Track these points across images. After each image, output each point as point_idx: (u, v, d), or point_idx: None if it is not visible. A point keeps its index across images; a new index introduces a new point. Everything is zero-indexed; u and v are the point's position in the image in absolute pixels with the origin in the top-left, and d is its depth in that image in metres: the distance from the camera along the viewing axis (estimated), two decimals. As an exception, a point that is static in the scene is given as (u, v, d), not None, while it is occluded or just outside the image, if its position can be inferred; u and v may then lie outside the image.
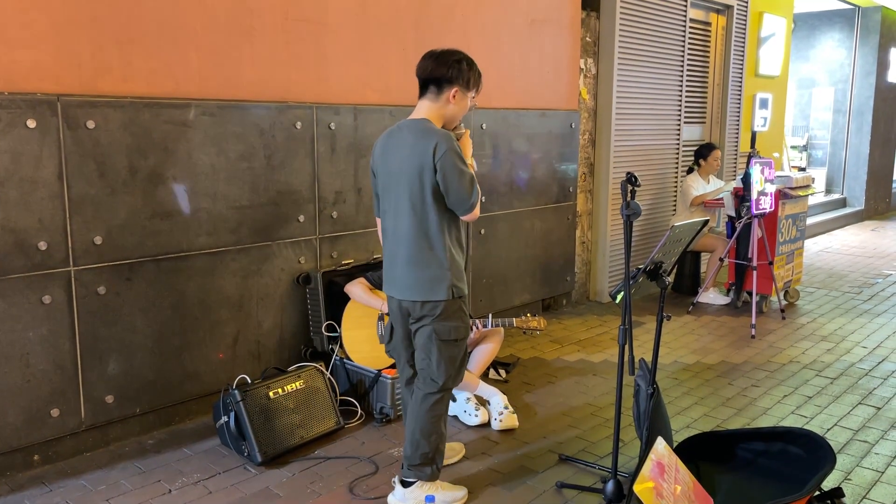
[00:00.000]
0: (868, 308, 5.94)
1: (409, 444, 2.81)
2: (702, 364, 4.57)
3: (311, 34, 3.82)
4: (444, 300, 2.66)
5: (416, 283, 2.67)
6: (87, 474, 3.09)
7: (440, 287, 2.65)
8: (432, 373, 2.74)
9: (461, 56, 2.69)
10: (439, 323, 2.69)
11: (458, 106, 2.71)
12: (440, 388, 2.76)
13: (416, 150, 2.60)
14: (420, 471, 2.79)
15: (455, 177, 2.56)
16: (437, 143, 2.57)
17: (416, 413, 2.78)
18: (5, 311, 2.93)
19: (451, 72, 2.65)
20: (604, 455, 3.30)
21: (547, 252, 5.49)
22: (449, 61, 2.65)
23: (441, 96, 2.68)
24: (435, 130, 2.63)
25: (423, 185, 2.60)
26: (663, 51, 6.19)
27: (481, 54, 4.76)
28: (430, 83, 2.68)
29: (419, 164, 2.59)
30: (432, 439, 2.78)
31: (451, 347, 2.73)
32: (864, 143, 11.05)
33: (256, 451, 3.15)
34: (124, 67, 3.18)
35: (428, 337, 2.72)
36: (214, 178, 3.50)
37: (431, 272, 2.65)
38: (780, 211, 5.67)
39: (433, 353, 2.72)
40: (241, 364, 3.72)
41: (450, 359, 2.74)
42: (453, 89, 2.67)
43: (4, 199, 2.88)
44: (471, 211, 2.63)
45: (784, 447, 3.00)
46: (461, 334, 2.75)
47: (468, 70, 2.69)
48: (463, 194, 2.59)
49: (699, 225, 2.97)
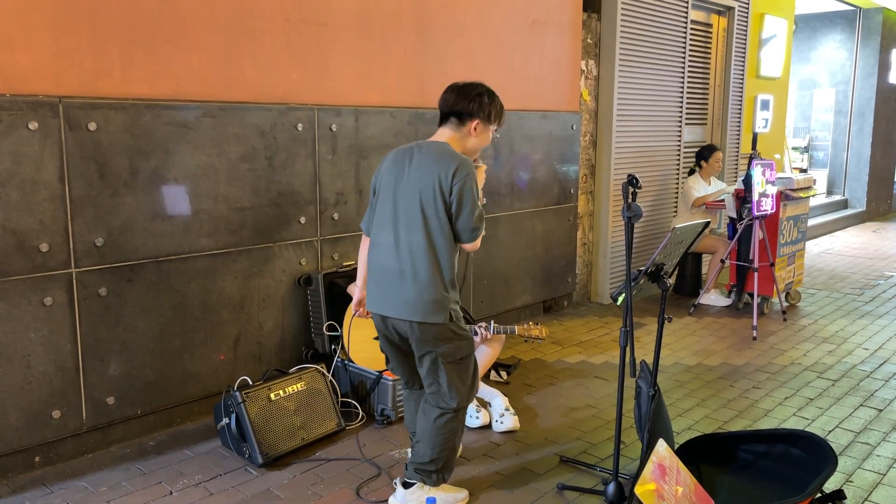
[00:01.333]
0: (870, 310, 5.93)
1: (419, 451, 2.77)
2: (703, 366, 4.56)
3: (312, 35, 3.82)
4: (443, 324, 2.60)
5: (417, 302, 2.59)
6: (88, 475, 3.10)
7: (440, 311, 2.59)
8: (444, 396, 2.69)
9: (483, 89, 2.71)
10: (442, 347, 2.64)
11: (478, 139, 2.73)
12: (454, 409, 2.71)
13: (437, 168, 2.59)
14: (427, 476, 2.78)
15: (469, 204, 2.57)
16: (458, 166, 2.57)
17: (430, 429, 2.72)
18: (7, 312, 2.93)
19: (473, 105, 2.67)
20: (605, 457, 3.30)
21: (548, 253, 5.49)
22: (470, 95, 2.68)
23: (462, 128, 2.71)
24: (458, 155, 2.64)
25: (436, 203, 2.58)
26: (664, 52, 6.19)
27: (482, 55, 4.76)
28: (451, 115, 2.71)
29: (437, 182, 2.57)
30: (444, 453, 2.75)
31: (459, 367, 2.69)
32: (866, 144, 11.04)
33: (257, 453, 3.14)
34: (126, 69, 3.18)
35: (433, 363, 2.66)
36: (216, 180, 3.50)
37: (430, 294, 2.58)
38: (782, 212, 5.66)
39: (441, 377, 2.67)
40: (243, 365, 3.72)
41: (460, 378, 2.70)
42: (475, 122, 2.69)
43: (6, 200, 2.88)
44: (473, 240, 2.63)
45: (785, 449, 2.99)
46: (466, 351, 2.70)
47: (489, 104, 2.70)
48: (470, 223, 2.59)
49: (700, 227, 2.97)
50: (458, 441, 2.82)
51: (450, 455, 2.78)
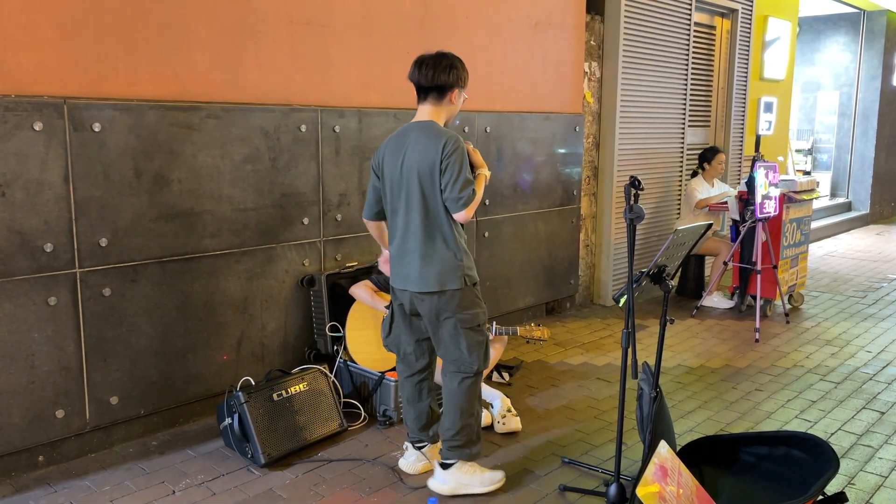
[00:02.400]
0: (873, 312, 5.92)
1: (449, 427, 2.92)
2: (705, 368, 4.56)
3: (315, 37, 3.84)
4: (459, 289, 2.80)
5: (431, 275, 2.79)
6: (91, 475, 3.11)
7: (454, 277, 2.79)
8: (465, 361, 2.87)
9: (453, 58, 2.86)
10: (461, 313, 2.83)
11: (456, 105, 2.90)
12: (475, 372, 2.90)
13: (429, 147, 2.75)
14: (463, 451, 2.92)
15: (451, 174, 2.71)
16: (446, 141, 2.73)
17: (455, 396, 2.90)
18: (11, 312, 2.94)
19: (451, 77, 2.82)
20: (607, 458, 3.30)
21: (551, 255, 5.49)
22: (447, 68, 2.81)
23: (443, 100, 2.86)
24: (445, 131, 2.80)
25: (433, 180, 2.75)
26: (668, 54, 6.19)
27: (485, 57, 4.77)
28: (431, 90, 2.84)
29: (431, 160, 2.74)
30: (469, 420, 2.91)
31: (477, 333, 2.87)
32: (870, 146, 11.02)
33: (260, 453, 3.15)
34: (130, 70, 3.19)
35: (454, 328, 2.84)
36: (219, 181, 3.51)
37: (445, 264, 2.79)
38: (785, 215, 5.66)
39: (462, 343, 2.85)
40: (245, 366, 3.73)
41: (478, 344, 2.88)
42: (454, 92, 2.85)
43: (11, 200, 2.90)
44: (461, 209, 2.72)
45: (788, 451, 2.99)
46: (482, 319, 2.89)
47: (462, 70, 2.87)
48: (455, 192, 2.70)
49: (703, 229, 2.97)
50: (479, 408, 2.97)
51: (474, 424, 2.93)
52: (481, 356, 2.90)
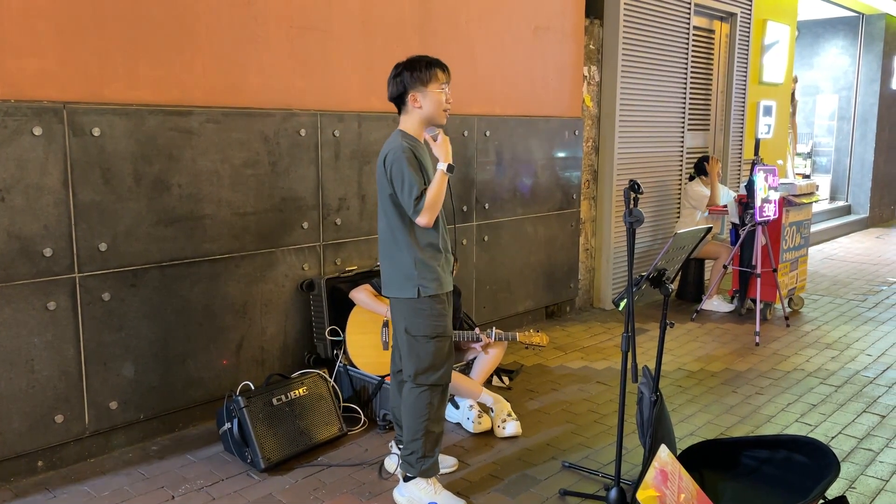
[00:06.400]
0: (873, 316, 5.92)
1: (401, 436, 2.95)
2: (705, 371, 4.56)
3: (315, 42, 3.84)
4: (412, 298, 2.80)
5: (390, 280, 2.87)
6: (90, 480, 3.10)
7: (408, 285, 2.80)
8: (405, 365, 2.89)
9: (401, 66, 2.82)
10: (409, 319, 2.84)
11: (426, 105, 2.80)
12: (412, 381, 2.84)
13: (381, 159, 2.82)
14: (409, 466, 2.88)
15: (398, 183, 2.72)
16: (387, 154, 2.77)
17: (405, 405, 2.90)
18: (10, 317, 2.94)
19: (399, 86, 2.81)
20: (607, 462, 3.30)
21: (550, 259, 5.49)
22: (394, 77, 2.83)
23: (406, 107, 2.84)
24: (391, 141, 2.81)
25: (384, 190, 2.80)
26: (667, 58, 6.20)
27: (485, 61, 4.78)
28: (394, 102, 2.88)
29: (381, 171, 2.81)
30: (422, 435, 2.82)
31: (421, 344, 2.82)
32: (869, 150, 11.03)
33: (259, 458, 3.15)
34: (130, 75, 3.20)
35: (402, 332, 2.87)
36: (219, 185, 3.51)
37: (401, 271, 2.81)
38: (784, 218, 5.66)
39: (404, 347, 2.88)
40: (245, 370, 3.72)
41: (418, 356, 2.83)
42: (410, 96, 2.81)
43: (10, 205, 2.90)
44: (417, 216, 2.72)
45: (788, 455, 2.99)
46: (431, 332, 2.81)
47: (410, 73, 2.78)
48: (404, 198, 2.73)
49: (702, 232, 2.98)
50: (434, 427, 2.85)
51: (421, 441, 2.82)
52: (419, 369, 2.82)
